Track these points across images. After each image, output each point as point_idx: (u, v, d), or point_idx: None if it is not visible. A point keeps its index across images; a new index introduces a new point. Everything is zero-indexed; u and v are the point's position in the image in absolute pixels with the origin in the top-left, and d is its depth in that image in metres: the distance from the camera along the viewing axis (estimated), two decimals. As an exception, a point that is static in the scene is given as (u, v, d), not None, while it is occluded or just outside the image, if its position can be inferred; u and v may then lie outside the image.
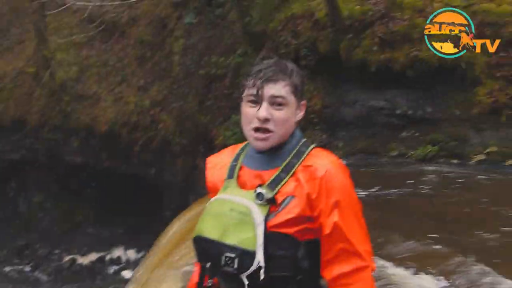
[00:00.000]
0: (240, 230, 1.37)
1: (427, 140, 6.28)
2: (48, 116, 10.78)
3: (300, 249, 1.41)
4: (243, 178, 1.50)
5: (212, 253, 1.40)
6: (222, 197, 1.47)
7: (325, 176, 1.41)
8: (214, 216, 1.44)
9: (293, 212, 1.40)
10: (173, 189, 10.81)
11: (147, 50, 10.70)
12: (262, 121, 1.43)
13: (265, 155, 1.49)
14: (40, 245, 12.35)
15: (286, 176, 1.44)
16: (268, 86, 1.43)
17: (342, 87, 7.12)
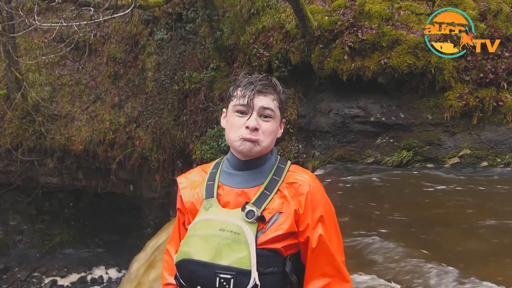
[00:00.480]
0: (233, 249, 1.37)
1: (401, 146, 6.37)
2: (22, 138, 10.58)
3: (287, 263, 1.44)
4: (224, 197, 1.50)
5: (204, 276, 1.37)
6: (207, 217, 1.45)
7: (310, 192, 1.47)
8: (203, 238, 1.41)
9: (282, 229, 1.43)
10: (152, 205, 10.73)
11: (120, 67, 10.64)
12: (251, 130, 1.47)
13: (247, 171, 1.52)
14: (19, 268, 12.12)
15: (270, 193, 1.47)
16: (258, 98, 1.49)
17: (316, 96, 7.18)
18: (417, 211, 4.56)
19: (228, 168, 1.57)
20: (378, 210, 4.65)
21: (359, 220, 4.40)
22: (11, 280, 11.76)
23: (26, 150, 10.63)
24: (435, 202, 4.76)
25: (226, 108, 1.59)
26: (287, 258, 1.46)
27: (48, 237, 12.52)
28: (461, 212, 4.42)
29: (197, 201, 1.54)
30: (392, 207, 4.72)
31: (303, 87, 7.38)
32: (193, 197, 1.56)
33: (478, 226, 3.98)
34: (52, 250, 12.47)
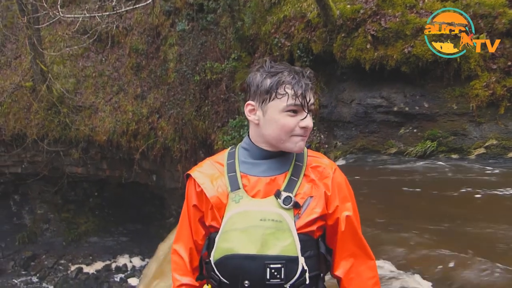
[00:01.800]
0: (278, 238, 1.36)
1: (425, 136, 6.27)
2: (48, 129, 10.79)
3: (320, 245, 1.46)
4: (252, 187, 1.47)
5: (253, 269, 1.35)
6: (242, 210, 1.42)
7: (335, 174, 1.50)
8: (243, 231, 1.38)
9: (316, 212, 1.44)
10: (175, 194, 10.83)
11: (142, 59, 10.72)
12: (308, 130, 1.46)
13: (270, 161, 1.50)
14: (46, 256, 12.45)
15: (298, 178, 1.47)
16: (308, 95, 1.45)
17: (338, 86, 7.10)
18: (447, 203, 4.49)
19: (247, 158, 1.54)
20: (403, 200, 4.61)
21: (382, 210, 4.36)
22: (38, 267, 12.09)
23: (52, 141, 10.84)
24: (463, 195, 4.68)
25: (261, 103, 1.48)
26: (319, 240, 1.48)
27: (74, 226, 12.80)
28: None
29: (222, 195, 1.48)
30: (418, 198, 4.66)
31: (325, 77, 7.31)
32: (217, 191, 1.49)
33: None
34: (78, 238, 12.76)
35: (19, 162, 11.71)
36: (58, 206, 12.83)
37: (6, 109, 11.09)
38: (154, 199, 12.14)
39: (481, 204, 4.41)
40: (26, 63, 11.35)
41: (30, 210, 13.06)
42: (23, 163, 11.68)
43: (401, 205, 4.62)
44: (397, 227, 3.89)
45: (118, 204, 12.69)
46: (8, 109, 11.09)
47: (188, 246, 1.60)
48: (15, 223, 13.05)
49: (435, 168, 5.74)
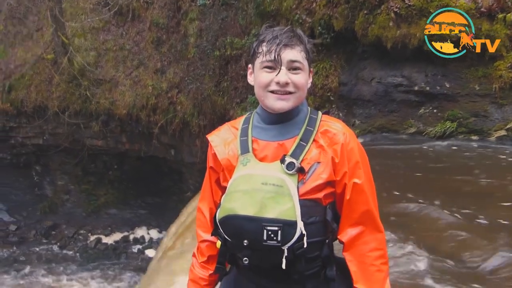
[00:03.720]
0: (278, 202, 1.38)
1: (445, 117, 6.20)
2: (69, 101, 10.93)
3: (327, 212, 1.47)
4: (261, 151, 1.50)
5: (251, 230, 1.39)
6: (247, 173, 1.46)
7: (345, 140, 1.48)
8: (245, 193, 1.42)
9: (321, 178, 1.45)
10: (193, 169, 10.93)
11: (162, 33, 10.71)
12: (281, 85, 1.46)
13: (280, 125, 1.52)
14: (67, 226, 12.75)
15: (307, 143, 1.47)
16: (285, 52, 1.46)
17: (358, 64, 7.04)
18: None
19: (259, 123, 1.56)
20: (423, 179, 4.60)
21: (402, 188, 4.36)
22: (59, 237, 12.41)
23: (73, 113, 10.98)
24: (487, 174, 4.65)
25: (252, 64, 1.55)
26: (327, 207, 1.48)
27: (94, 197, 13.04)
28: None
29: (232, 158, 1.53)
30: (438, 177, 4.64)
31: (346, 54, 7.24)
32: (227, 154, 1.55)
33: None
34: (97, 209, 13.01)
35: (40, 134, 11.92)
36: (78, 177, 13.06)
37: (28, 81, 11.25)
38: (173, 173, 12.28)
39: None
40: (47, 35, 11.44)
41: (51, 181, 13.33)
42: (45, 134, 11.88)
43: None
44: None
45: (137, 177, 12.86)
46: (30, 81, 11.25)
47: (209, 206, 1.68)
48: (36, 194, 13.35)
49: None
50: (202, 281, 1.68)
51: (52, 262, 11.24)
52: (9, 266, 10.92)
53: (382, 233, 1.52)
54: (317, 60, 7.42)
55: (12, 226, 12.68)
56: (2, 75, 11.48)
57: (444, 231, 3.45)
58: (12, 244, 12.09)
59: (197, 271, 1.70)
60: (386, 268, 1.51)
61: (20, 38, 11.83)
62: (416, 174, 4.96)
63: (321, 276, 1.50)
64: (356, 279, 1.49)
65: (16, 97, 11.22)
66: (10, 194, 13.17)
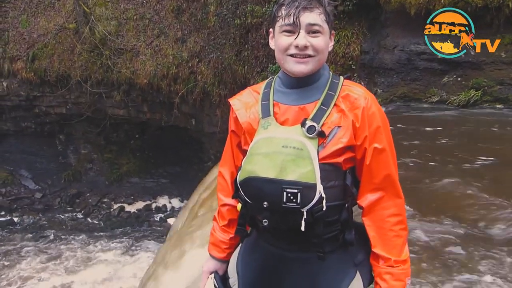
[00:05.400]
0: (298, 165, 1.39)
1: (469, 85, 6.11)
2: (91, 71, 11.01)
3: (347, 177, 1.48)
4: (282, 115, 1.51)
5: (271, 192, 1.41)
6: (268, 136, 1.47)
7: (367, 105, 1.47)
8: (266, 155, 1.43)
9: (341, 142, 1.45)
10: (213, 139, 11.00)
11: (182, 2, 10.63)
12: (300, 49, 1.46)
13: (301, 89, 1.52)
14: (90, 194, 13.03)
15: (328, 107, 1.48)
16: (304, 15, 1.46)
17: (381, 32, 6.92)
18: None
19: (281, 87, 1.57)
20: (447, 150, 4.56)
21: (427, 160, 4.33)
22: (83, 205, 12.70)
23: (95, 83, 11.09)
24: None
25: (273, 28, 1.55)
26: (347, 172, 1.48)
27: (116, 166, 13.26)
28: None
29: (253, 121, 1.55)
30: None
31: (368, 22, 7.13)
32: (249, 117, 1.57)
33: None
34: (120, 178, 13.24)
35: (63, 103, 12.08)
36: (101, 146, 13.27)
37: (50, 51, 11.34)
38: (193, 143, 12.37)
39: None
40: (69, 5, 11.46)
41: (75, 150, 13.57)
42: (68, 104, 12.04)
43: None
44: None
45: (158, 147, 13.02)
46: (52, 51, 11.34)
47: (230, 170, 1.71)
48: (60, 162, 13.62)
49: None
50: (222, 244, 1.73)
51: (77, 229, 11.53)
52: (35, 233, 11.24)
53: (402, 199, 1.52)
54: (339, 28, 7.31)
55: (37, 193, 13.00)
56: (25, 44, 11.60)
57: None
58: (37, 211, 12.42)
59: (218, 235, 1.74)
60: (405, 233, 1.52)
61: (42, 8, 11.87)
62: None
63: (339, 240, 1.52)
64: (374, 244, 1.51)
65: (39, 66, 11.34)
66: (35, 162, 13.48)
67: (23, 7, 11.91)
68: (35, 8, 11.89)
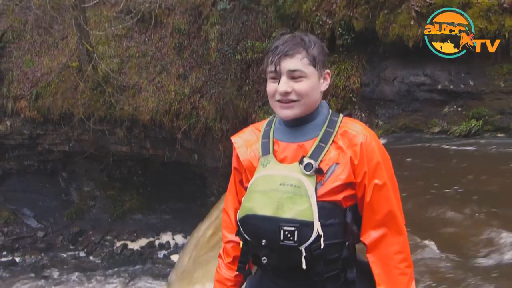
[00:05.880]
0: (295, 202, 1.40)
1: (470, 115, 6.11)
2: (93, 108, 11.10)
3: (347, 214, 1.46)
4: (281, 153, 1.53)
5: (268, 229, 1.42)
6: (266, 173, 1.49)
7: (365, 141, 1.46)
8: (264, 193, 1.45)
9: (340, 179, 1.45)
10: (216, 174, 10.98)
11: (184, 39, 10.81)
12: (282, 95, 1.49)
13: (299, 127, 1.54)
14: (93, 232, 12.90)
15: (326, 144, 1.48)
16: (285, 61, 1.49)
17: (380, 64, 6.99)
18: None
19: (281, 125, 1.59)
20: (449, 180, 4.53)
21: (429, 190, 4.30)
22: (86, 242, 12.57)
23: (98, 120, 11.14)
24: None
25: (265, 74, 1.59)
26: (347, 209, 1.47)
27: (119, 203, 13.19)
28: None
29: (253, 159, 1.57)
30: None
31: (367, 55, 7.21)
32: (249, 155, 1.59)
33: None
34: (123, 215, 13.15)
35: (66, 141, 12.11)
36: (104, 183, 13.23)
37: (54, 89, 11.47)
38: (196, 178, 12.34)
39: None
40: (72, 44, 11.66)
41: (78, 187, 13.53)
42: (71, 141, 12.07)
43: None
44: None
45: (161, 183, 12.97)
46: (55, 89, 11.46)
47: (234, 206, 1.72)
48: (63, 200, 13.55)
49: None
50: (228, 282, 1.71)
51: (79, 268, 11.38)
52: (37, 273, 11.10)
53: (405, 235, 1.50)
54: (338, 61, 7.40)
55: (39, 232, 12.88)
56: (29, 83, 11.74)
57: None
58: (40, 250, 12.29)
59: (223, 272, 1.72)
60: (410, 271, 1.50)
61: (45, 47, 12.08)
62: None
63: (341, 278, 1.50)
64: (379, 281, 1.49)
65: (43, 104, 11.45)
66: (38, 201, 13.41)
67: (27, 47, 12.12)
68: (39, 47, 12.10)
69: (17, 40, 12.26)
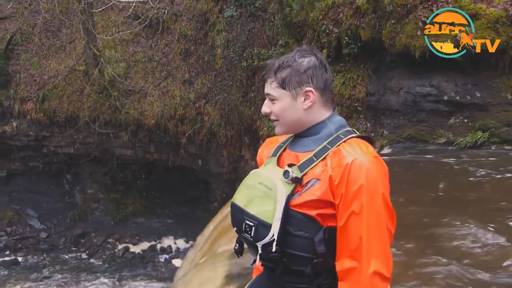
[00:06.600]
0: (262, 202, 1.48)
1: (476, 127, 6.08)
2: (99, 111, 11.16)
3: (319, 233, 1.44)
4: (284, 159, 1.61)
5: (238, 219, 1.54)
6: (257, 171, 1.61)
7: (351, 165, 1.41)
8: (246, 187, 1.57)
9: (315, 195, 1.45)
10: (220, 179, 10.99)
11: (190, 45, 10.86)
12: (266, 115, 1.64)
13: (301, 139, 1.59)
14: (95, 234, 12.96)
15: (317, 159, 1.50)
16: (265, 86, 1.60)
17: (386, 74, 6.98)
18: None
19: (296, 135, 1.65)
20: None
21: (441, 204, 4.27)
22: (88, 244, 12.61)
23: (103, 123, 11.20)
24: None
25: None
26: (324, 229, 1.44)
27: (122, 206, 13.21)
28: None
29: (265, 157, 1.70)
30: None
31: (373, 64, 7.20)
32: (264, 154, 1.74)
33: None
34: (125, 218, 13.17)
35: (72, 143, 12.19)
36: (107, 186, 13.28)
37: (60, 92, 11.54)
38: (199, 183, 12.36)
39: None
40: (79, 48, 11.73)
41: (81, 190, 13.58)
42: (76, 144, 12.14)
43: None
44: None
45: (164, 187, 12.99)
46: (62, 92, 11.54)
47: None
48: (67, 201, 13.60)
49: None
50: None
51: (80, 270, 11.43)
52: (39, 274, 11.14)
53: (369, 275, 1.38)
54: (344, 70, 7.40)
55: (42, 233, 12.95)
56: (36, 86, 11.82)
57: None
58: (42, 251, 12.36)
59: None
60: None
61: (53, 50, 12.17)
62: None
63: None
64: None
65: (49, 107, 11.52)
66: (42, 202, 13.47)
67: (35, 50, 12.21)
68: (47, 50, 12.18)
69: (26, 43, 12.37)
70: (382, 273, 1.39)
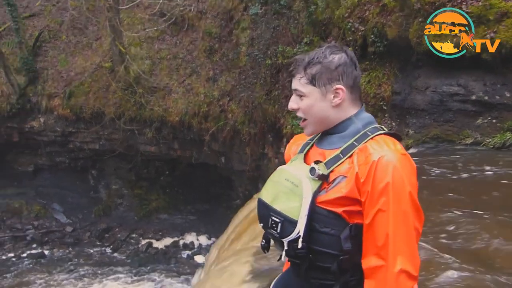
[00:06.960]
0: (288, 198, 1.48)
1: (505, 127, 5.94)
2: (124, 108, 11.30)
3: (345, 230, 1.44)
4: (311, 155, 1.60)
5: (264, 215, 1.55)
6: (284, 167, 1.60)
7: (378, 163, 1.39)
8: (272, 183, 1.58)
9: (341, 192, 1.44)
10: (242, 177, 11.01)
11: (215, 42, 10.91)
12: (292, 111, 1.60)
13: (329, 136, 1.58)
14: (119, 229, 13.15)
15: (343, 156, 1.49)
16: (293, 81, 1.59)
17: (413, 73, 6.88)
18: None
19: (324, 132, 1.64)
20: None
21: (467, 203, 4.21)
22: (112, 239, 12.80)
23: (128, 120, 11.35)
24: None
25: None
26: (351, 226, 1.43)
27: (146, 202, 13.37)
28: None
29: (293, 154, 1.70)
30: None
31: (399, 63, 7.10)
32: (291, 150, 1.74)
33: None
34: (149, 214, 13.33)
35: (97, 139, 12.37)
36: (131, 182, 13.44)
37: (87, 88, 11.73)
38: (222, 180, 12.41)
39: None
40: (106, 45, 11.90)
41: (106, 185, 13.78)
42: (101, 140, 12.32)
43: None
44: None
45: (187, 184, 13.09)
46: (88, 88, 11.72)
47: None
48: (92, 197, 13.83)
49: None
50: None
51: (105, 264, 11.60)
52: (64, 267, 11.35)
53: (395, 273, 1.36)
54: (370, 68, 7.32)
55: (68, 227, 13.20)
56: (63, 82, 12.03)
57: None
58: (67, 245, 12.59)
59: None
60: None
61: (80, 47, 12.37)
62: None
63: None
64: None
65: (76, 103, 11.72)
66: (67, 197, 13.72)
67: (62, 47, 12.43)
68: (74, 47, 12.39)
69: (53, 40, 12.61)
70: (408, 271, 1.37)
